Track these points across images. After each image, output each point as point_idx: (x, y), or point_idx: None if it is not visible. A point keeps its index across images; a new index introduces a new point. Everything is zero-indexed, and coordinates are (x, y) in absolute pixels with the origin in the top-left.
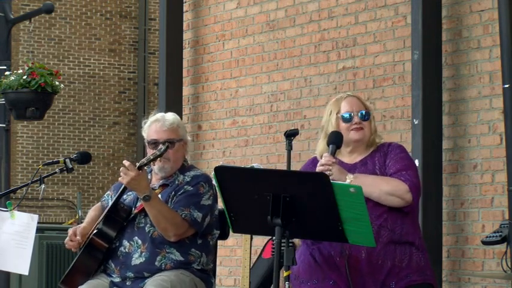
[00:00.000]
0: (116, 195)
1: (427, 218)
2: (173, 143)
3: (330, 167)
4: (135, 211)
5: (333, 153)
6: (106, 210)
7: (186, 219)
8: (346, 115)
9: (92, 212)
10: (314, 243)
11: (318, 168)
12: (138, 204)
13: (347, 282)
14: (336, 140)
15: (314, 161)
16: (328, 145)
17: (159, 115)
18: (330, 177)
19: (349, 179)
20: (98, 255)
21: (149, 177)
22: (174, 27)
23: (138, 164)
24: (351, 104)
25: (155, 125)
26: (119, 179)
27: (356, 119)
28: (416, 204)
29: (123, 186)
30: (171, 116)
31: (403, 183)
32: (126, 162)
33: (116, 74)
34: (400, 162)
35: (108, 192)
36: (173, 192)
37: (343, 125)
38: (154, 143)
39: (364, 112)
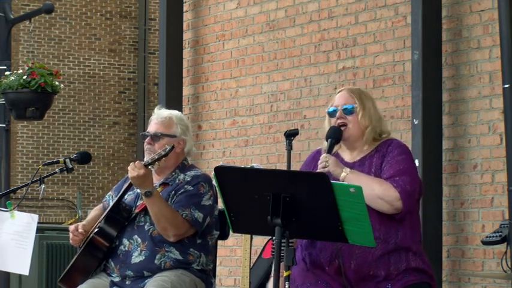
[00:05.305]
0: (118, 195)
1: (427, 218)
2: (158, 136)
3: (327, 160)
4: (135, 210)
5: (331, 147)
6: (108, 210)
7: (187, 219)
8: (331, 110)
9: (93, 212)
10: (307, 249)
11: (319, 166)
12: (139, 203)
13: (341, 285)
14: (333, 135)
15: (317, 154)
16: (326, 140)
17: (160, 110)
18: (326, 169)
19: (345, 172)
20: (98, 254)
21: None
22: (174, 27)
23: (142, 163)
24: (339, 98)
25: (152, 118)
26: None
27: (338, 114)
28: (409, 209)
29: (125, 186)
30: (166, 112)
31: (394, 190)
32: (136, 162)
33: (116, 74)
34: (395, 166)
35: (110, 192)
36: (173, 192)
37: (331, 120)
38: (143, 136)
39: (347, 107)
